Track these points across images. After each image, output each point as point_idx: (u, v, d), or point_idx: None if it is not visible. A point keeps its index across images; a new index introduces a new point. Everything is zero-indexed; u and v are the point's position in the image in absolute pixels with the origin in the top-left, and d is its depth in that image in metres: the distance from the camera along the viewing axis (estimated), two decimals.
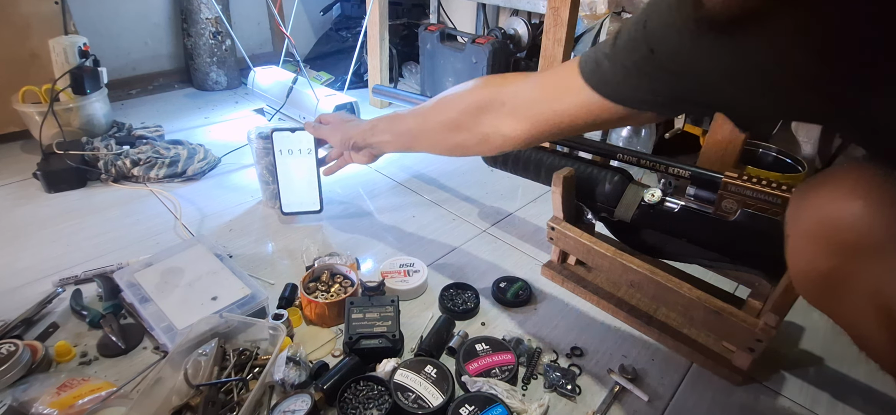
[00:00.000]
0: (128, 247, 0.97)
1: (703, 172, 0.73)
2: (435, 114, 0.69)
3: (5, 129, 1.36)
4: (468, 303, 0.84)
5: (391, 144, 0.79)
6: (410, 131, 0.74)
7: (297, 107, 1.52)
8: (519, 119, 0.59)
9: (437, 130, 0.68)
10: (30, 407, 0.60)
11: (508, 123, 0.60)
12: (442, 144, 0.69)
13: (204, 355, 0.66)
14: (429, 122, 0.70)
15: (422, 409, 0.62)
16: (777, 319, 0.64)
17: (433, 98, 0.69)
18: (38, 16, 1.35)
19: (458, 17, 2.10)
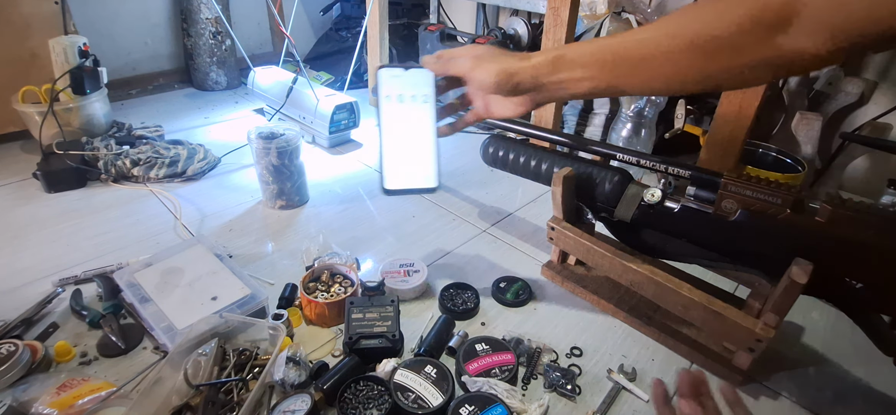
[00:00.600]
0: (128, 247, 0.97)
1: (703, 172, 0.73)
2: (679, 29, 0.46)
3: (5, 129, 1.36)
4: (468, 303, 0.84)
5: (587, 83, 0.52)
6: (632, 59, 0.49)
7: (297, 107, 1.52)
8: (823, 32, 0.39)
9: (685, 55, 0.46)
10: (30, 407, 0.60)
11: (809, 40, 0.40)
12: (692, 75, 0.47)
13: (204, 355, 0.66)
14: (667, 43, 0.47)
15: (422, 409, 0.62)
16: (777, 319, 0.64)
17: (663, 17, 0.48)
18: (38, 16, 1.35)
19: (458, 17, 2.10)
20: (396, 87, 0.58)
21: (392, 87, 0.58)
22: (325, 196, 1.20)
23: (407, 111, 0.58)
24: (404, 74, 0.58)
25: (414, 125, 0.58)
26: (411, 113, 0.58)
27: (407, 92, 0.58)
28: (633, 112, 1.29)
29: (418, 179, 0.58)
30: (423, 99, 0.59)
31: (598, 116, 1.44)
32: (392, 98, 0.58)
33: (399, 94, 0.58)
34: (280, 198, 1.12)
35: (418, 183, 0.58)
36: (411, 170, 0.58)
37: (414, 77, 0.59)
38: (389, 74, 0.58)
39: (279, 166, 1.07)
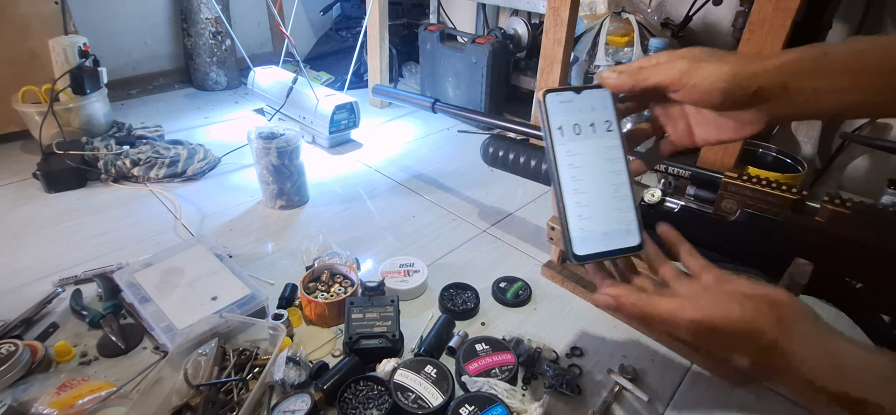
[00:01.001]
0: (128, 247, 0.97)
1: (703, 171, 0.73)
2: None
3: (5, 129, 1.36)
4: (468, 303, 0.84)
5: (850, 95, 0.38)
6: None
7: (297, 107, 1.52)
8: None
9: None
10: (30, 407, 0.60)
11: None
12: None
13: (204, 355, 0.66)
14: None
15: (422, 409, 0.62)
16: None
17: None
18: (38, 16, 1.35)
19: (458, 17, 2.10)
20: (569, 116, 0.42)
21: (563, 115, 0.42)
22: (325, 196, 1.20)
23: (586, 146, 0.42)
24: (577, 98, 0.43)
25: (599, 164, 0.42)
26: (592, 148, 0.42)
27: (583, 120, 0.42)
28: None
29: (618, 237, 0.42)
30: (606, 127, 0.43)
31: None
32: (565, 131, 0.42)
33: (574, 123, 0.42)
34: (280, 198, 1.12)
35: (619, 242, 0.42)
36: (606, 226, 0.42)
37: (589, 99, 0.43)
38: (558, 100, 0.42)
39: (279, 166, 1.07)
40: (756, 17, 0.87)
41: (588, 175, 0.41)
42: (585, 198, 0.41)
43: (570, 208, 0.41)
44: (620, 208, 0.42)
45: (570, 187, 0.41)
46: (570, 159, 0.41)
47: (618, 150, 0.42)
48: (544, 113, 0.41)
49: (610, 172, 0.42)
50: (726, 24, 1.42)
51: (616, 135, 0.43)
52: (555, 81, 1.04)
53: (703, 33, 1.49)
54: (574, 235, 0.41)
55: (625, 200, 0.42)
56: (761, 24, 0.87)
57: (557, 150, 0.41)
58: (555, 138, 0.41)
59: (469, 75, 1.64)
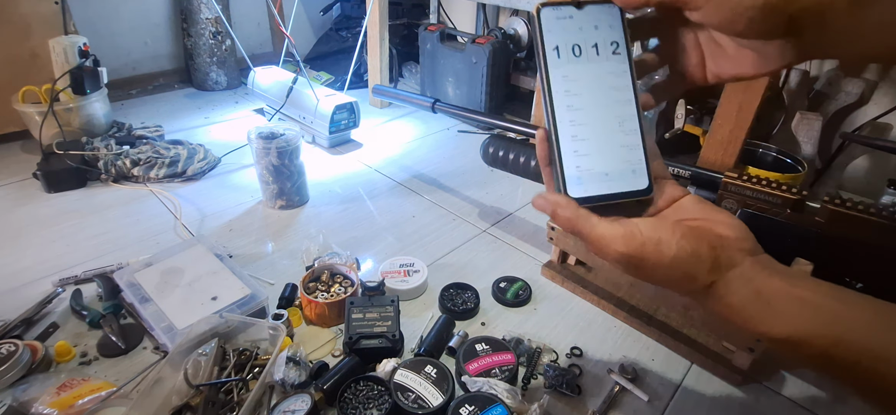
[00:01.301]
0: (128, 247, 0.97)
1: (703, 171, 0.73)
2: None
3: (5, 129, 1.36)
4: (468, 303, 0.84)
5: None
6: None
7: (297, 107, 1.52)
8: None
9: None
10: (30, 407, 0.60)
11: None
12: None
13: (204, 355, 0.66)
14: None
15: (422, 409, 0.62)
16: None
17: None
18: (38, 16, 1.35)
19: (458, 17, 2.10)
20: (568, 35, 0.35)
21: (561, 34, 0.35)
22: (325, 196, 1.20)
23: (587, 71, 0.35)
24: (578, 14, 0.35)
25: (601, 92, 0.35)
26: (594, 73, 0.35)
27: (585, 41, 0.35)
28: None
29: (621, 179, 0.34)
30: (613, 48, 0.35)
31: None
32: (562, 52, 0.34)
33: (574, 44, 0.35)
34: (280, 198, 1.12)
35: (622, 184, 0.34)
36: (608, 165, 0.34)
37: (593, 16, 0.35)
38: (554, 16, 0.35)
39: (279, 166, 1.07)
40: None
41: (588, 104, 0.34)
42: (584, 130, 0.34)
43: (565, 143, 0.34)
44: (626, 145, 0.34)
45: (565, 118, 0.34)
46: (567, 85, 0.34)
47: (625, 76, 0.35)
48: (538, 30, 0.34)
49: (615, 102, 0.35)
50: None
51: (624, 58, 0.35)
52: None
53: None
54: (569, 174, 0.33)
55: (632, 135, 0.35)
56: None
57: (552, 74, 0.34)
58: (549, 61, 0.34)
59: (469, 75, 1.64)
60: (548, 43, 0.34)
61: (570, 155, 0.34)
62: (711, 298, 0.32)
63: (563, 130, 0.34)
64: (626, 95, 0.35)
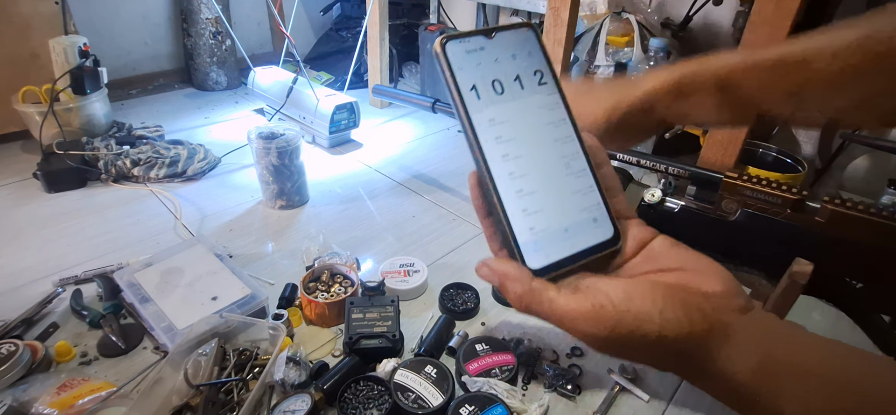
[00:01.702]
0: (128, 247, 0.97)
1: (703, 171, 0.73)
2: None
3: (5, 129, 1.36)
4: (468, 303, 0.84)
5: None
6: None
7: (297, 107, 1.52)
8: None
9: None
10: (30, 407, 0.60)
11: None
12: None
13: (204, 355, 0.66)
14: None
15: (422, 409, 0.62)
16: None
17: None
18: (38, 16, 1.35)
19: (458, 17, 2.10)
20: (483, 70, 0.29)
21: (475, 70, 0.28)
22: (325, 196, 1.20)
23: (515, 109, 0.29)
24: (490, 44, 0.29)
25: (537, 131, 0.29)
26: (524, 109, 0.29)
27: (505, 73, 0.29)
28: None
29: (583, 233, 0.28)
30: (538, 79, 0.30)
31: None
32: (481, 91, 0.28)
33: (493, 79, 0.29)
34: (280, 198, 1.12)
35: (586, 239, 0.28)
36: (565, 218, 0.28)
37: (507, 44, 0.29)
38: (464, 50, 0.28)
39: (279, 166, 1.07)
40: (756, 17, 0.87)
41: (526, 150, 0.28)
42: (529, 182, 0.28)
43: (510, 201, 0.27)
44: (580, 190, 0.29)
45: (503, 171, 0.27)
46: (497, 131, 0.28)
47: (559, 107, 0.29)
48: (447, 70, 0.28)
49: (555, 140, 0.29)
50: (727, 24, 1.42)
51: (552, 87, 0.30)
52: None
53: (703, 33, 1.49)
54: (523, 241, 0.27)
55: (583, 176, 0.29)
56: (762, 23, 0.87)
57: (476, 120, 0.28)
58: (468, 104, 0.28)
59: None
60: (462, 83, 0.28)
61: (518, 216, 0.27)
62: (706, 377, 0.26)
63: (504, 186, 0.27)
64: (564, 130, 0.29)
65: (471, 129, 0.28)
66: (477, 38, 0.29)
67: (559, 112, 0.29)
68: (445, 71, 0.28)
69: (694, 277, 0.27)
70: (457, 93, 0.27)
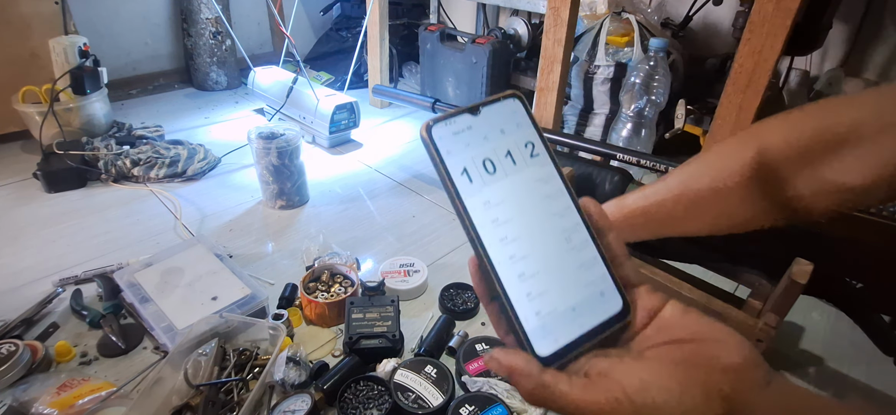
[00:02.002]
0: (128, 247, 0.97)
1: None
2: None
3: (5, 129, 1.36)
4: (468, 303, 0.84)
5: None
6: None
7: (297, 107, 1.52)
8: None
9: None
10: (30, 407, 0.60)
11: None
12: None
13: (204, 355, 0.66)
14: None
15: (422, 409, 0.62)
16: (777, 319, 0.64)
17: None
18: (38, 16, 1.35)
19: (458, 17, 2.10)
20: (473, 150, 0.27)
21: (464, 152, 0.27)
22: (325, 196, 1.20)
23: (509, 187, 0.27)
24: (477, 121, 0.28)
25: (534, 208, 0.28)
26: (518, 187, 0.28)
27: (495, 151, 0.28)
28: (634, 112, 1.29)
29: (592, 310, 0.27)
30: (530, 151, 0.28)
31: (598, 115, 1.44)
32: (473, 173, 0.27)
33: (484, 159, 0.27)
34: (280, 198, 1.12)
35: (595, 316, 0.27)
36: (572, 296, 0.27)
37: (494, 118, 0.28)
38: (450, 132, 0.27)
39: (279, 166, 1.07)
40: (756, 17, 0.87)
41: (525, 229, 0.27)
42: (531, 264, 0.26)
43: (512, 286, 0.26)
44: (584, 263, 0.27)
45: (503, 255, 0.26)
46: (493, 213, 0.27)
47: (554, 179, 0.28)
48: (436, 155, 0.26)
49: (553, 214, 0.28)
50: (726, 24, 1.42)
51: (545, 158, 0.28)
52: (555, 82, 1.03)
53: (703, 33, 1.49)
54: (530, 328, 0.26)
55: (586, 248, 0.27)
56: (761, 23, 0.87)
57: (470, 205, 0.26)
58: (461, 189, 0.26)
59: (469, 75, 1.63)
60: (452, 168, 0.26)
61: (522, 300, 0.26)
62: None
63: (505, 271, 0.26)
64: (562, 202, 0.28)
65: (466, 215, 0.26)
66: (462, 117, 0.27)
67: (555, 183, 0.28)
68: (434, 157, 0.26)
69: (711, 347, 0.25)
70: (448, 179, 0.26)
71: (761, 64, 0.89)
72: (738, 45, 0.91)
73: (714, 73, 1.33)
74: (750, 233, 0.63)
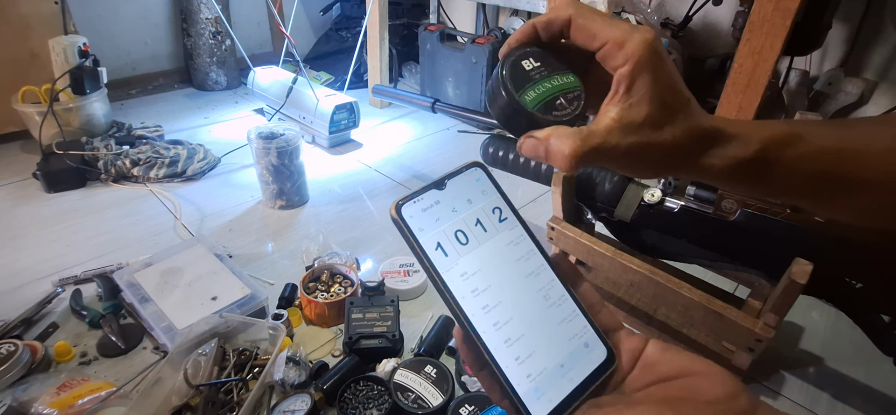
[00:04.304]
0: (128, 247, 0.97)
1: None
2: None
3: (5, 129, 1.36)
4: None
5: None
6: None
7: (297, 107, 1.52)
8: None
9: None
10: (30, 407, 0.60)
11: None
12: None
13: (204, 355, 0.66)
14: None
15: (422, 409, 0.62)
16: (777, 319, 0.64)
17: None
18: (38, 16, 1.35)
19: (458, 17, 2.10)
20: (444, 225, 0.28)
21: (435, 227, 0.28)
22: (325, 196, 1.20)
23: (484, 255, 0.28)
24: (444, 195, 0.29)
25: (510, 272, 0.28)
26: (492, 253, 0.28)
27: (466, 222, 0.28)
28: None
29: (580, 363, 0.27)
30: (498, 216, 0.29)
31: None
32: (447, 246, 0.27)
33: (455, 231, 0.28)
34: (280, 198, 1.12)
35: (583, 369, 0.27)
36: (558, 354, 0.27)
37: (460, 189, 0.29)
38: (419, 210, 0.28)
39: (279, 166, 1.07)
40: (756, 17, 0.87)
41: (504, 296, 0.27)
42: (514, 328, 0.27)
43: (500, 354, 0.26)
44: (565, 318, 0.28)
45: (487, 325, 0.26)
46: (471, 284, 0.27)
47: (524, 239, 0.29)
48: (409, 234, 0.27)
49: (529, 275, 0.28)
50: (726, 24, 1.42)
51: (513, 221, 0.29)
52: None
53: (702, 33, 1.49)
54: (523, 391, 0.26)
55: (564, 302, 0.28)
56: (761, 23, 0.87)
57: (448, 278, 0.26)
58: (437, 265, 0.26)
59: (469, 75, 1.63)
60: (426, 244, 0.27)
61: (512, 366, 0.26)
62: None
63: (491, 339, 0.26)
64: (535, 262, 0.29)
65: (445, 289, 0.26)
66: (429, 193, 0.28)
67: (526, 245, 0.29)
68: (408, 236, 0.27)
69: (695, 382, 0.26)
70: (424, 257, 0.26)
71: (761, 64, 0.89)
72: (738, 45, 0.91)
73: (714, 73, 1.33)
74: (750, 233, 0.63)
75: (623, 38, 0.26)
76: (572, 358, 0.27)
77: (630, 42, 0.26)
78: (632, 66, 0.26)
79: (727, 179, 0.30)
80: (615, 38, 0.26)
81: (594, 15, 0.28)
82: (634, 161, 0.28)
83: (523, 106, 0.28)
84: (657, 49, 0.26)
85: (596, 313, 0.29)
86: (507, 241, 0.29)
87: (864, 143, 0.30)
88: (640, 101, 0.27)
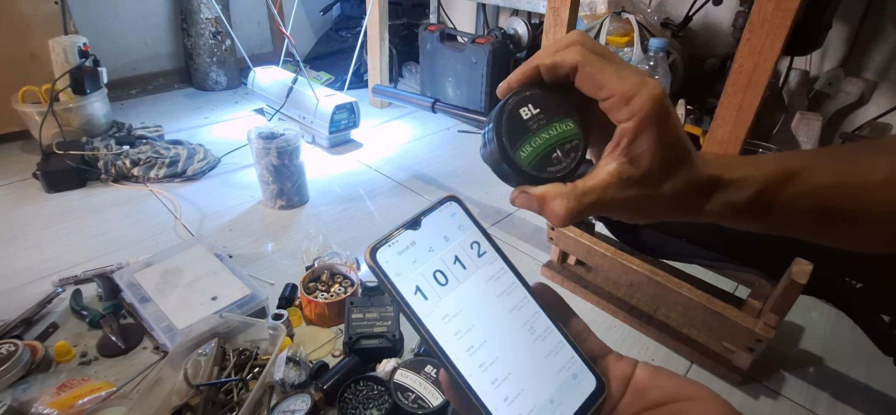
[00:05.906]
0: (128, 247, 0.97)
1: None
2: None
3: (5, 129, 1.36)
4: None
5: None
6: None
7: (297, 107, 1.52)
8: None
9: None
10: (30, 407, 0.60)
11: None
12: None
13: (204, 355, 0.66)
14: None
15: (422, 409, 0.62)
16: (777, 319, 0.64)
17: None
18: (38, 16, 1.35)
19: (458, 17, 2.10)
20: (421, 267, 0.27)
21: (412, 270, 0.26)
22: (325, 196, 1.20)
23: (464, 295, 0.27)
24: (419, 235, 0.27)
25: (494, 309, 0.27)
26: (473, 292, 0.27)
27: (445, 261, 0.27)
28: None
29: (569, 395, 0.27)
30: (476, 252, 0.28)
31: None
32: (426, 289, 0.26)
33: (434, 272, 0.27)
34: (280, 198, 1.12)
35: (573, 401, 0.27)
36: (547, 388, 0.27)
37: (436, 227, 0.28)
38: (395, 253, 0.26)
39: (279, 166, 1.07)
40: (756, 17, 0.87)
41: (488, 335, 0.26)
42: (501, 367, 0.26)
43: (487, 395, 0.25)
44: (552, 351, 0.27)
45: (472, 366, 0.25)
46: (454, 326, 0.26)
47: (505, 273, 0.28)
48: (386, 281, 0.25)
49: (512, 309, 0.27)
50: (726, 24, 1.42)
51: (493, 254, 0.28)
52: None
53: (702, 33, 1.49)
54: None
55: (549, 335, 0.28)
56: (761, 23, 0.87)
57: (429, 322, 0.25)
58: (417, 309, 0.25)
59: (469, 75, 1.63)
60: (404, 289, 0.25)
61: (501, 407, 0.25)
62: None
63: (477, 382, 0.25)
64: (518, 295, 0.28)
65: (428, 334, 0.25)
66: (404, 235, 0.27)
67: (507, 278, 0.28)
68: (385, 283, 0.25)
69: (687, 407, 0.26)
70: (403, 302, 0.25)
71: (761, 64, 0.89)
72: (738, 45, 0.91)
73: (714, 73, 1.33)
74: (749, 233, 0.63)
75: (630, 93, 0.25)
76: (562, 391, 0.26)
77: (637, 98, 0.25)
78: (636, 123, 0.26)
79: (726, 222, 0.30)
80: (623, 92, 0.26)
81: (602, 64, 0.26)
82: (631, 212, 0.29)
83: (518, 164, 0.27)
84: (664, 105, 0.26)
85: (582, 340, 0.28)
86: (487, 276, 0.27)
87: (862, 174, 0.29)
88: (640, 157, 0.26)
